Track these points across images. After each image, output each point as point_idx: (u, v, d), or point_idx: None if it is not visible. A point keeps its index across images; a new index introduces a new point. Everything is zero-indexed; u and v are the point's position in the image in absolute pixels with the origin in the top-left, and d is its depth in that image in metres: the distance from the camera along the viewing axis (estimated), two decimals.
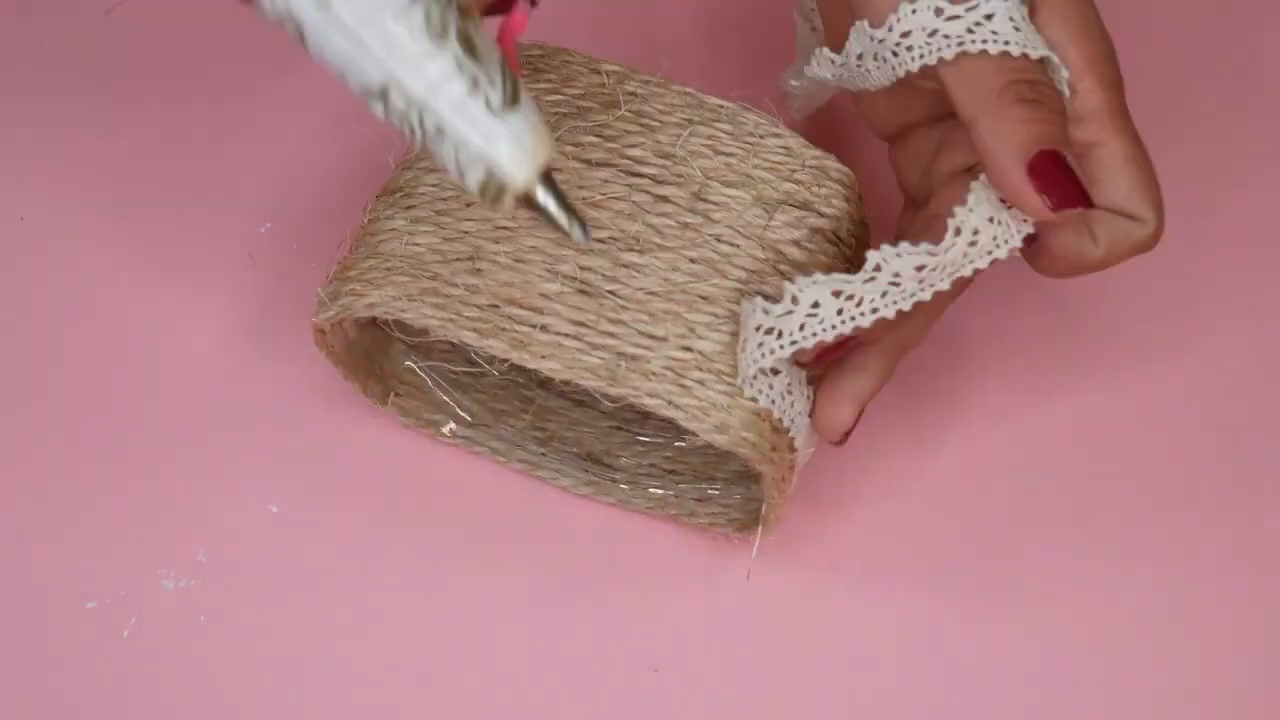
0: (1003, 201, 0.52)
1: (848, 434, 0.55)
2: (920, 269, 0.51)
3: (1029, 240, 0.52)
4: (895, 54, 0.52)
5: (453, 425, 0.61)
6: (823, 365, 0.54)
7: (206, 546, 0.59)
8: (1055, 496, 0.61)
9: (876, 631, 0.58)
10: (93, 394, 0.62)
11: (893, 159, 0.59)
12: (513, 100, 0.44)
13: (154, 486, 0.60)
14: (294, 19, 0.44)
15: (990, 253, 0.51)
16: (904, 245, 0.51)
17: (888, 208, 0.59)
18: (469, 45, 0.44)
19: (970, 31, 0.51)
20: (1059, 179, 0.50)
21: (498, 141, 0.44)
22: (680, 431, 0.54)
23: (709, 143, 0.57)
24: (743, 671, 0.58)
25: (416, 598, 0.58)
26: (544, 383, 0.62)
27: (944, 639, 0.58)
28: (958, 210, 0.51)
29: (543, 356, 0.53)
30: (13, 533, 0.59)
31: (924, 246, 0.51)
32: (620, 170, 0.56)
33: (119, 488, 0.60)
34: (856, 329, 0.51)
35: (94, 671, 0.57)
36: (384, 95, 0.44)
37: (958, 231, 0.51)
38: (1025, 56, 0.51)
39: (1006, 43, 0.51)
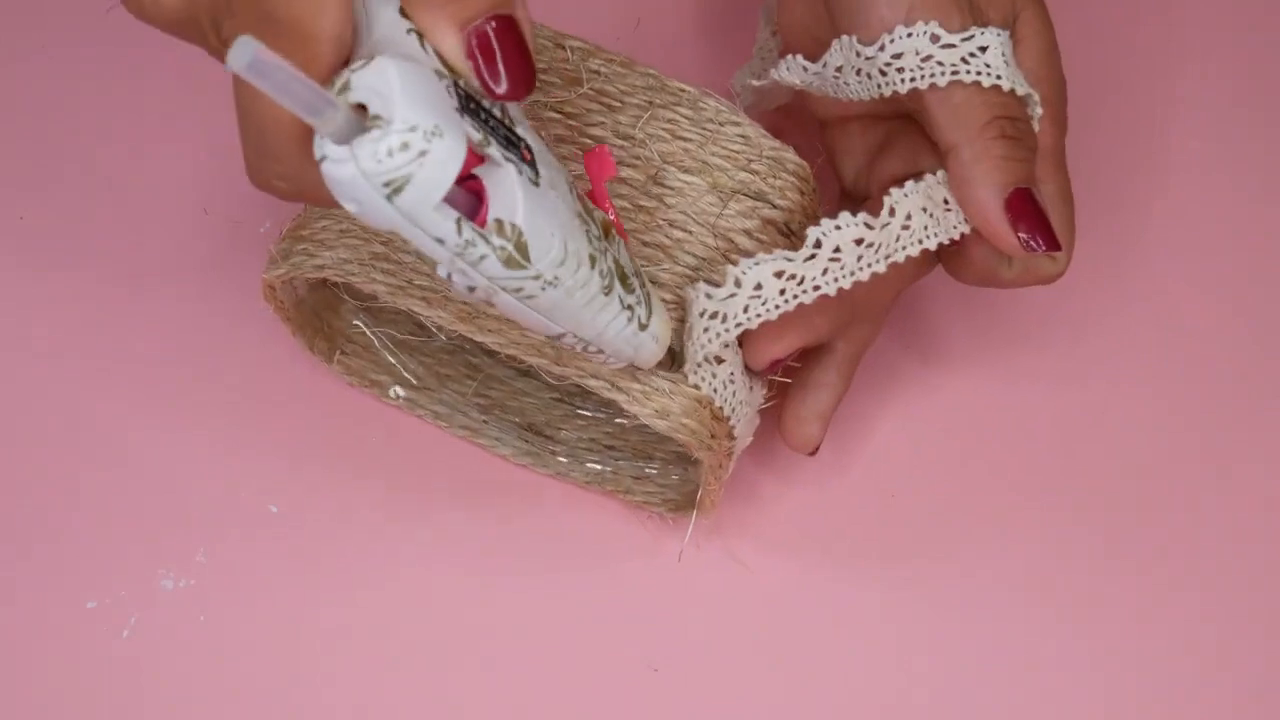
0: (946, 204, 0.53)
1: (818, 446, 0.58)
2: (859, 243, 0.52)
3: (953, 243, 0.54)
4: (884, 73, 0.52)
5: (397, 388, 0.61)
6: (774, 372, 0.55)
7: (206, 546, 0.59)
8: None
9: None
10: (92, 394, 0.61)
11: (826, 142, 0.59)
12: (650, 309, 0.49)
13: (154, 486, 0.60)
14: (486, 300, 0.45)
15: (921, 241, 0.53)
16: (844, 216, 0.52)
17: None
18: (623, 278, 0.48)
19: (965, 61, 0.52)
20: (1032, 217, 0.52)
21: (644, 350, 0.50)
22: (622, 409, 0.54)
23: (668, 126, 0.57)
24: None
25: (415, 597, 0.59)
26: (490, 351, 0.62)
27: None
28: (894, 191, 0.52)
29: (490, 330, 0.54)
30: (13, 533, 0.59)
31: (862, 217, 0.52)
32: (580, 148, 0.56)
33: (119, 488, 0.60)
34: (800, 306, 0.52)
35: (94, 671, 0.57)
36: (560, 337, 0.47)
37: (892, 211, 0.52)
38: (1013, 93, 0.52)
39: (998, 77, 0.52)
